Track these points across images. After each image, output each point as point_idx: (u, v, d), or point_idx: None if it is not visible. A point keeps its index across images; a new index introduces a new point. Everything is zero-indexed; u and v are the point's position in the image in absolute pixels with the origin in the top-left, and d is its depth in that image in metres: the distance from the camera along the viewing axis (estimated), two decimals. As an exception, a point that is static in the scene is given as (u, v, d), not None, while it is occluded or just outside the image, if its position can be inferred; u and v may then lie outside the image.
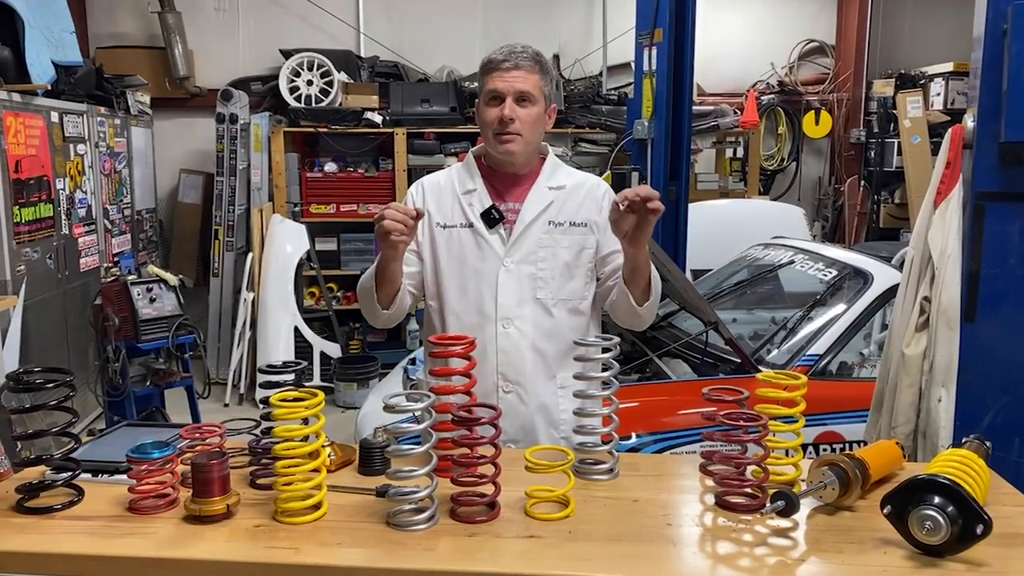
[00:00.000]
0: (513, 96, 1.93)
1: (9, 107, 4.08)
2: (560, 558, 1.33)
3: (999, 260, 2.18)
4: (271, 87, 6.18)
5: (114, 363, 3.87)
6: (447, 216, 2.03)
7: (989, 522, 1.28)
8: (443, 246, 2.02)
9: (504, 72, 1.94)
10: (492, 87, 1.95)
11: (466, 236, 2.01)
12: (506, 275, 1.98)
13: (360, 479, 1.66)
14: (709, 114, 6.12)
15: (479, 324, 1.96)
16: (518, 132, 1.94)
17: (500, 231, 2.00)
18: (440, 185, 2.08)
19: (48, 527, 1.44)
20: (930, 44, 6.83)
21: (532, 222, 1.99)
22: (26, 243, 4.23)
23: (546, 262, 1.99)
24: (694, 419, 2.78)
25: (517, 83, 1.93)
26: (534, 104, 1.95)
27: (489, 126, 1.96)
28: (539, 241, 1.99)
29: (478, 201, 2.02)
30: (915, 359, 2.39)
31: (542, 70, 1.98)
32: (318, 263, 6.01)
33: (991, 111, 2.12)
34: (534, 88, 1.95)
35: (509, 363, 1.97)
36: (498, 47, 1.99)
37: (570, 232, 2.00)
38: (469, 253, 2.00)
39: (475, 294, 1.98)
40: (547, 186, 2.03)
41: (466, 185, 2.05)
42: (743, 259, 4.42)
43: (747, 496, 1.52)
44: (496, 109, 1.94)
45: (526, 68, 1.94)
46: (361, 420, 3.60)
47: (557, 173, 2.07)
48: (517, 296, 1.97)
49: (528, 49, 1.98)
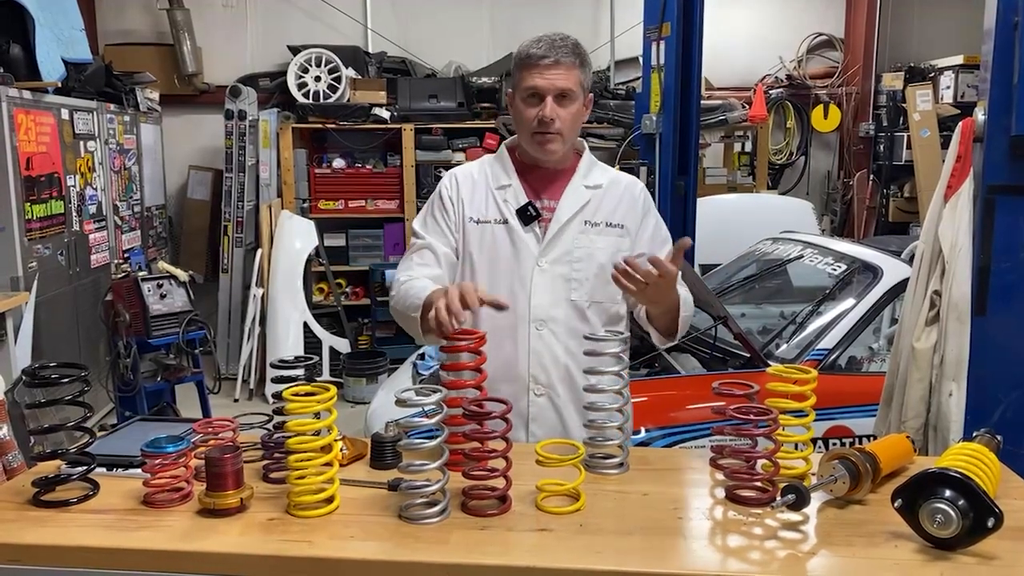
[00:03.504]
0: (553, 95, 1.84)
1: (20, 104, 4.10)
2: (571, 551, 1.33)
3: (1010, 254, 2.17)
4: (279, 83, 6.19)
5: (125, 359, 3.89)
6: (480, 211, 1.95)
7: (1000, 515, 1.28)
8: (475, 242, 1.94)
9: (544, 69, 1.83)
10: (531, 84, 1.85)
11: (500, 233, 1.93)
12: (540, 275, 1.91)
13: (372, 473, 1.66)
14: (717, 108, 6.10)
15: (511, 324, 1.89)
16: (559, 132, 1.87)
17: (535, 229, 1.92)
18: (473, 178, 1.99)
19: (64, 520, 1.45)
20: (940, 37, 6.79)
21: (568, 221, 1.92)
22: (37, 240, 4.25)
23: (581, 263, 1.91)
24: (703, 414, 2.78)
25: (558, 80, 1.83)
26: (574, 101, 1.87)
27: (527, 125, 1.88)
28: (575, 241, 1.91)
29: (513, 197, 1.94)
30: (925, 353, 2.38)
31: (582, 63, 1.88)
32: (327, 259, 6.02)
33: (1002, 104, 2.11)
34: (575, 85, 1.86)
35: (541, 366, 1.91)
36: (533, 38, 1.88)
37: (606, 233, 1.93)
38: (503, 251, 1.92)
39: (508, 294, 1.89)
40: (584, 184, 1.96)
41: (500, 180, 1.97)
42: (752, 254, 4.41)
43: (757, 490, 1.53)
44: (535, 108, 1.85)
45: (567, 64, 1.84)
46: (371, 415, 3.62)
47: (593, 171, 2.00)
48: (551, 297, 1.90)
49: (568, 41, 1.87)
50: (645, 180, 4.45)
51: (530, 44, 1.87)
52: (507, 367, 1.89)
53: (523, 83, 1.88)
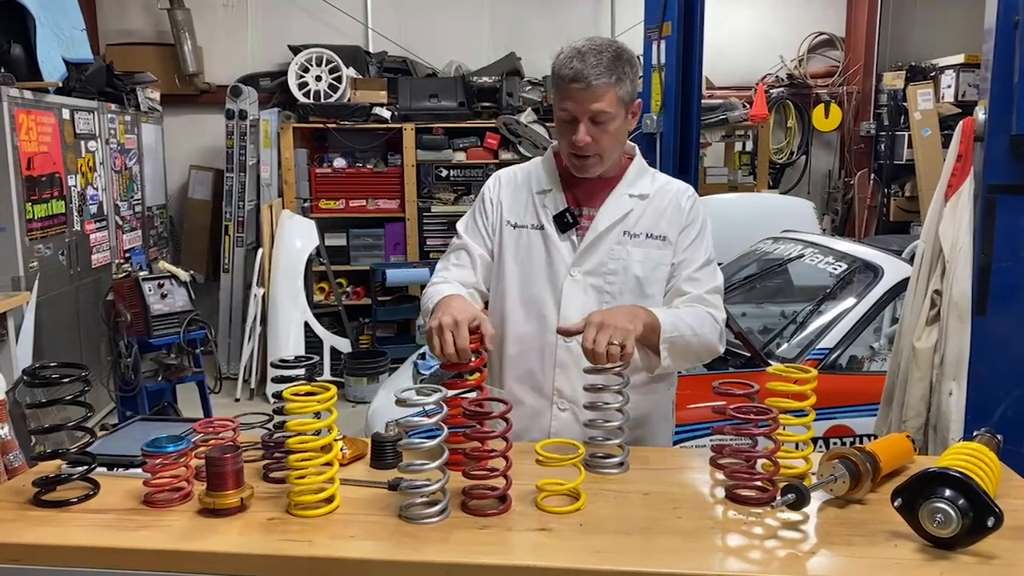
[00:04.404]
0: (587, 117, 1.75)
1: (21, 104, 4.10)
2: (571, 551, 1.33)
3: (1010, 253, 2.17)
4: (280, 83, 6.19)
5: (126, 358, 3.89)
6: (519, 215, 1.90)
7: (1000, 515, 1.28)
8: (510, 246, 1.89)
9: (575, 92, 1.73)
10: (564, 107, 1.77)
11: (535, 238, 1.87)
12: (572, 285, 1.84)
13: (372, 473, 1.66)
14: (718, 108, 6.10)
15: (538, 333, 1.85)
16: (596, 153, 1.79)
17: (572, 237, 1.86)
18: (517, 181, 1.94)
19: (64, 520, 1.46)
20: (941, 36, 6.78)
21: (606, 231, 1.85)
22: (38, 239, 4.26)
23: (616, 275, 1.84)
24: (704, 413, 2.78)
25: (592, 104, 1.73)
26: (613, 119, 1.76)
27: (564, 145, 1.82)
28: (611, 252, 1.84)
29: (552, 203, 1.88)
30: (926, 352, 2.38)
31: (620, 78, 1.74)
32: (328, 258, 6.03)
33: (1003, 103, 2.11)
34: (610, 105, 1.74)
35: (567, 379, 1.84)
36: (569, 49, 1.75)
37: (644, 244, 1.85)
38: (536, 257, 1.86)
39: (537, 302, 1.85)
40: (628, 193, 1.88)
41: (542, 184, 1.91)
42: (753, 253, 4.41)
43: (757, 489, 1.53)
44: (570, 132, 1.77)
45: (600, 86, 1.72)
46: (371, 414, 3.62)
47: (642, 179, 1.91)
48: (582, 309, 1.79)
49: (604, 56, 1.72)
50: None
51: (565, 60, 1.75)
52: (531, 378, 1.86)
53: (558, 103, 1.79)
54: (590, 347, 1.60)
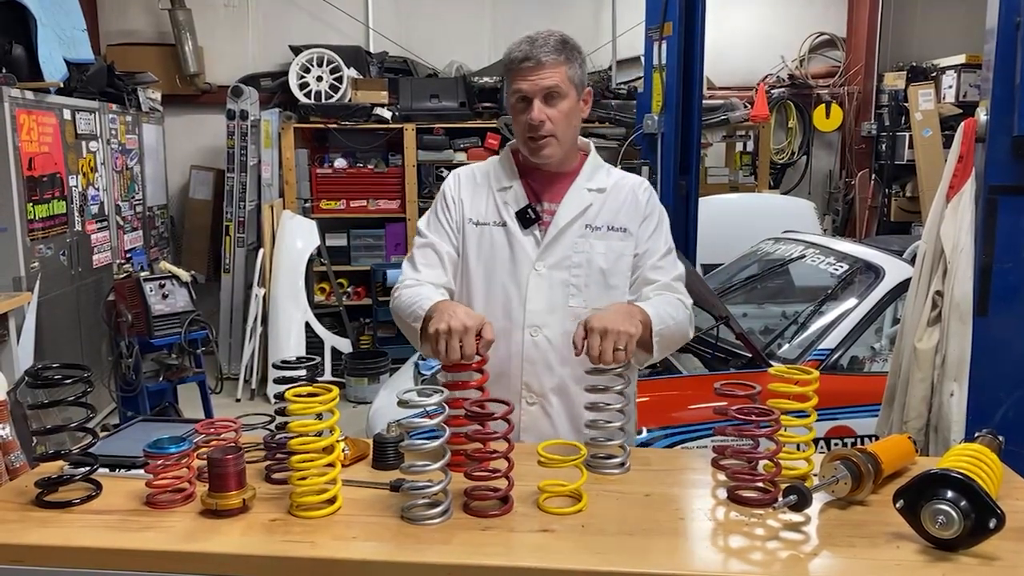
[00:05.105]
0: (540, 96, 1.80)
1: (22, 105, 4.10)
2: (573, 552, 1.34)
3: (1012, 254, 2.17)
4: (281, 83, 6.20)
5: (127, 359, 3.89)
6: (481, 213, 1.92)
7: (1002, 516, 1.28)
8: (473, 244, 1.91)
9: (528, 72, 1.80)
10: (517, 88, 1.82)
11: (499, 235, 1.90)
12: (537, 280, 1.86)
13: (374, 474, 1.66)
14: (719, 108, 6.10)
15: (505, 330, 1.85)
16: (551, 133, 1.83)
17: (535, 233, 1.89)
18: (476, 179, 1.97)
19: (67, 521, 1.46)
20: (942, 36, 6.78)
21: (567, 226, 1.88)
22: (40, 240, 4.26)
23: (580, 268, 1.87)
24: (705, 414, 2.78)
25: (543, 81, 1.79)
26: (564, 98, 1.82)
27: (521, 130, 1.85)
28: (574, 246, 1.87)
29: (513, 199, 1.91)
30: (927, 353, 2.38)
31: (568, 58, 1.82)
32: (328, 259, 6.03)
33: (1004, 104, 2.11)
34: (562, 81, 1.80)
35: (535, 374, 1.87)
36: (519, 39, 1.84)
37: (606, 237, 1.89)
38: (500, 254, 1.89)
39: (503, 298, 1.86)
40: (587, 187, 1.92)
41: (502, 181, 1.93)
42: (754, 253, 4.41)
43: (759, 490, 1.53)
44: (525, 113, 1.82)
45: (550, 63, 1.79)
46: (373, 415, 3.62)
47: (598, 173, 1.95)
48: (548, 303, 1.85)
49: (551, 38, 1.81)
50: (647, 179, 4.45)
51: (514, 47, 1.84)
52: (499, 373, 1.85)
53: (511, 87, 1.84)
54: (596, 354, 1.62)
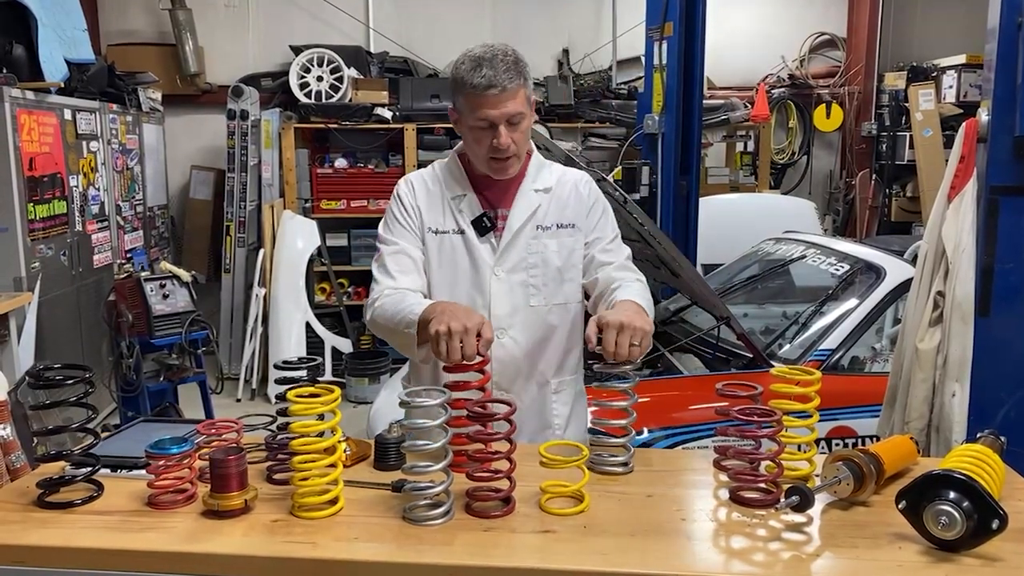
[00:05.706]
0: (505, 121, 1.81)
1: (23, 105, 4.10)
2: (575, 553, 1.34)
3: (1013, 254, 2.17)
4: (281, 83, 6.20)
5: (128, 359, 3.89)
6: (439, 221, 1.95)
7: (1004, 517, 1.28)
8: (434, 252, 1.94)
9: (492, 100, 1.78)
10: (482, 116, 1.80)
11: (458, 243, 1.93)
12: (498, 284, 1.91)
13: (376, 474, 1.66)
14: (719, 108, 6.10)
15: None
16: (515, 154, 1.86)
17: (491, 239, 1.93)
18: (429, 187, 1.98)
19: (68, 521, 1.46)
20: (942, 36, 6.78)
21: (520, 229, 1.92)
22: (40, 240, 4.26)
23: (537, 268, 1.93)
24: (707, 414, 2.78)
25: (507, 108, 1.79)
26: (525, 118, 1.85)
27: (482, 152, 1.86)
28: (528, 247, 1.92)
29: (468, 207, 1.94)
30: (929, 354, 2.38)
31: (525, 77, 1.83)
32: (329, 259, 6.03)
33: (1006, 104, 2.11)
34: (523, 105, 1.83)
35: (503, 372, 1.91)
36: (471, 59, 1.81)
37: (557, 235, 1.94)
38: (461, 261, 1.93)
39: (467, 303, 1.87)
40: (533, 189, 1.96)
41: (454, 190, 1.95)
42: (754, 254, 4.41)
43: (761, 491, 1.53)
44: (488, 136, 1.82)
45: (513, 89, 1.79)
46: (373, 415, 3.62)
47: (542, 173, 1.99)
48: (510, 305, 1.92)
49: (506, 59, 1.80)
50: (648, 179, 4.46)
51: (470, 71, 1.79)
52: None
53: (472, 112, 1.82)
54: (613, 350, 1.63)
